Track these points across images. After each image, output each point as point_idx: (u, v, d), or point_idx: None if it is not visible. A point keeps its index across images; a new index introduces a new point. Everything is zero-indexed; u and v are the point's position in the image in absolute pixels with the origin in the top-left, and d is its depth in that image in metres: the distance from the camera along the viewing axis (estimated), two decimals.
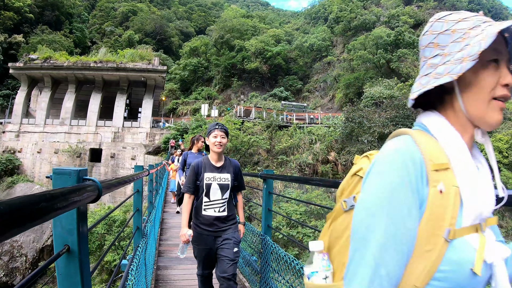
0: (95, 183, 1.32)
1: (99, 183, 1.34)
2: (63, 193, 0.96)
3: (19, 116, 35.95)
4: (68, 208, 0.97)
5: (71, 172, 1.32)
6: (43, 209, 0.77)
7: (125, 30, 69.21)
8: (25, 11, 51.83)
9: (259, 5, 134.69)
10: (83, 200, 1.15)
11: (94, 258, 19.56)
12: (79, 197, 1.09)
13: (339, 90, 42.74)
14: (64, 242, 1.34)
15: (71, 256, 1.35)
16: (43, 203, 0.77)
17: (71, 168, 1.35)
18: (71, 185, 1.30)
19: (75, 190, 1.09)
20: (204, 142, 4.04)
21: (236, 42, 52.57)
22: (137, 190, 4.35)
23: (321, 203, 21.94)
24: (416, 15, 53.23)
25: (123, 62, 36.99)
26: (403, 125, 24.56)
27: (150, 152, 33.88)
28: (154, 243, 6.46)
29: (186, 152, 6.48)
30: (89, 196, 1.22)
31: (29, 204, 0.71)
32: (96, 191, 1.31)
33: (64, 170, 1.32)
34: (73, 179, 1.31)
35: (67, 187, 1.07)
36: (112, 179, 1.73)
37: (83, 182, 1.34)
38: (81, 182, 1.33)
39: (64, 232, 1.33)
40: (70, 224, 1.33)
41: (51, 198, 0.84)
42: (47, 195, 0.83)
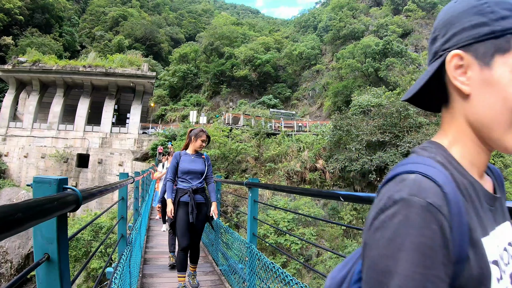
0: (74, 192, 1.33)
1: (79, 192, 1.35)
2: (40, 203, 0.97)
3: (6, 119, 35.51)
4: (46, 218, 0.99)
5: (51, 181, 1.33)
6: (20, 220, 0.78)
7: (115, 35, 68.94)
8: (15, 13, 51.32)
9: (249, 13, 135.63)
10: (62, 209, 1.17)
11: (80, 264, 19.32)
12: (57, 206, 1.10)
13: (328, 98, 42.98)
14: (44, 251, 1.35)
15: (51, 265, 1.36)
16: (19, 214, 0.78)
17: (51, 177, 1.36)
18: (51, 193, 1.31)
19: (53, 200, 1.10)
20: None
21: (225, 49, 52.70)
22: (122, 198, 4.34)
23: (308, 210, 22.01)
24: (405, 24, 53.89)
25: (112, 67, 36.81)
26: (391, 133, 24.82)
27: (138, 159, 33.67)
28: (139, 250, 6.42)
29: (178, 152, 5.37)
30: (68, 205, 1.23)
31: (5, 214, 0.73)
32: (76, 200, 1.32)
33: (44, 179, 1.33)
34: (53, 188, 1.32)
35: (45, 197, 1.08)
36: (93, 188, 1.74)
37: (63, 191, 1.35)
38: (61, 191, 1.34)
39: (44, 240, 1.34)
40: (50, 233, 1.33)
41: (28, 209, 0.85)
42: (23, 205, 0.84)
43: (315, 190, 3.50)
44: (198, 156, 5.23)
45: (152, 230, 10.34)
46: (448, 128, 0.83)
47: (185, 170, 5.01)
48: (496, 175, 0.91)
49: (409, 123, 25.50)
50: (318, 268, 20.85)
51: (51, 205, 1.04)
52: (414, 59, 41.61)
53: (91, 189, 1.69)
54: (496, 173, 0.92)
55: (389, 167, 23.55)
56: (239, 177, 26.12)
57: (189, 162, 5.07)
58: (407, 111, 25.14)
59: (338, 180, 26.92)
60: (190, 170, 5.02)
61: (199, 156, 5.24)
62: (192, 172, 5.03)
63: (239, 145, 26.79)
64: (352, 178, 26.64)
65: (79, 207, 1.34)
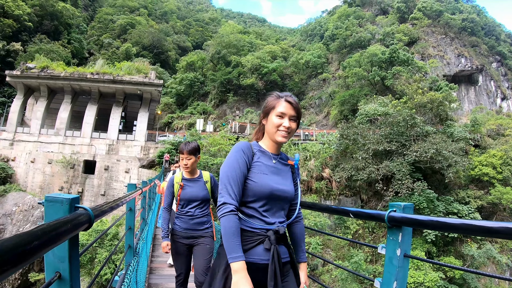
0: (87, 212, 1.33)
1: (91, 211, 1.35)
2: (55, 227, 0.96)
3: (14, 124, 35.73)
4: (60, 241, 0.98)
5: (63, 200, 1.32)
6: (37, 248, 0.77)
7: (123, 43, 69.43)
8: (24, 19, 51.88)
9: (256, 22, 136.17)
10: (75, 230, 1.16)
11: (85, 271, 19.34)
12: (71, 228, 1.10)
13: (334, 107, 42.96)
14: (56, 269, 1.34)
15: (62, 283, 1.35)
16: (36, 242, 0.78)
17: (63, 195, 1.35)
18: (63, 213, 1.30)
19: (67, 222, 1.10)
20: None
21: (232, 58, 52.89)
22: (130, 209, 4.33)
23: (315, 219, 21.92)
24: (411, 32, 53.91)
25: (120, 75, 36.98)
26: (397, 142, 24.70)
27: (144, 166, 33.74)
28: (146, 260, 6.41)
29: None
30: (81, 226, 1.23)
31: (22, 243, 0.72)
32: (88, 219, 1.31)
33: (57, 198, 1.33)
34: (65, 207, 1.31)
35: (59, 220, 1.07)
36: (104, 205, 1.74)
37: (75, 210, 1.34)
38: (73, 211, 1.33)
39: (56, 259, 1.33)
40: (62, 252, 1.33)
41: (43, 234, 0.85)
42: (39, 232, 0.83)
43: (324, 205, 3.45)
44: None
45: (158, 238, 10.31)
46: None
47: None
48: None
49: (416, 132, 25.38)
50: (324, 278, 20.71)
51: (65, 228, 1.04)
52: (420, 68, 41.54)
53: (102, 206, 1.68)
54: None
55: (395, 176, 23.42)
56: None
57: None
58: (413, 120, 25.03)
59: (345, 189, 26.79)
60: None
61: None
62: None
63: None
64: (358, 187, 26.51)
65: (92, 226, 1.33)
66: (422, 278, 19.60)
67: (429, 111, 30.18)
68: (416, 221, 1.67)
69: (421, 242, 22.38)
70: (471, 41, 56.36)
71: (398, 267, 1.84)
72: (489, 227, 1.30)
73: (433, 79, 42.01)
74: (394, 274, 1.85)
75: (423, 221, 1.64)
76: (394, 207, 1.87)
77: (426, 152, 23.04)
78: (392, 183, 23.72)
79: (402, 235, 1.83)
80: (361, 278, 20.03)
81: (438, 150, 23.07)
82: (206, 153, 27.61)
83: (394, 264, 1.86)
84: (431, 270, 20.43)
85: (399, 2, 60.82)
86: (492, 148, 30.16)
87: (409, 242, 1.86)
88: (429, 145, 23.43)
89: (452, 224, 1.48)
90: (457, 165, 24.00)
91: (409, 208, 1.85)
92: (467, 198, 26.00)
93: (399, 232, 1.84)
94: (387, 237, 1.92)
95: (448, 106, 31.52)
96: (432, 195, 23.16)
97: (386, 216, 1.82)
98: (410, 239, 1.88)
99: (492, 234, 1.29)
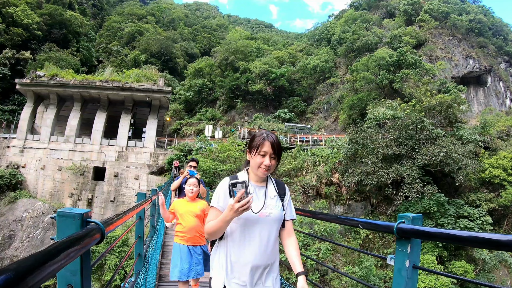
0: (98, 226, 1.35)
1: (102, 225, 1.37)
2: (69, 244, 0.98)
3: (24, 131, 36.15)
4: (73, 258, 1.00)
5: (75, 215, 1.34)
6: (51, 266, 0.79)
7: (131, 50, 69.93)
8: (34, 28, 52.56)
9: (263, 27, 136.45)
10: (88, 245, 1.18)
11: (94, 277, 19.44)
12: (84, 244, 1.12)
13: (343, 111, 42.86)
14: (67, 282, 1.36)
15: None
16: (50, 262, 0.79)
17: (75, 210, 1.38)
18: (76, 228, 1.33)
19: (80, 238, 1.12)
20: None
21: (240, 64, 52.96)
22: (140, 218, 4.35)
23: (324, 224, 21.83)
24: (418, 35, 53.64)
25: (129, 82, 37.25)
26: (407, 146, 24.54)
27: (154, 172, 33.87)
28: (155, 267, 6.42)
29: None
30: (93, 240, 1.25)
31: (36, 264, 0.74)
32: (100, 233, 1.33)
33: (68, 213, 1.35)
34: (77, 222, 1.34)
35: (72, 237, 1.09)
36: (114, 217, 1.76)
37: (87, 224, 1.36)
38: (85, 225, 1.35)
39: (68, 273, 1.36)
40: (74, 266, 1.35)
41: (57, 253, 0.86)
42: (53, 250, 0.85)
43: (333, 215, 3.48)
44: None
45: (168, 245, 10.34)
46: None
47: None
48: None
49: (425, 135, 25.21)
50: (334, 283, 20.59)
51: (78, 245, 1.06)
52: (428, 70, 41.32)
53: (112, 218, 1.70)
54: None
55: (405, 180, 23.27)
56: None
57: None
58: (422, 123, 24.88)
59: (354, 194, 26.66)
60: None
61: None
62: None
63: None
64: (368, 192, 26.37)
65: (103, 239, 1.35)
66: (433, 283, 19.42)
67: (438, 114, 29.98)
68: (425, 233, 1.67)
69: (432, 247, 22.18)
70: (478, 42, 55.97)
71: (407, 279, 1.84)
72: (497, 240, 1.29)
73: (442, 81, 41.76)
74: (403, 285, 1.85)
75: (431, 233, 1.63)
76: (403, 218, 1.86)
77: (435, 155, 22.87)
78: (402, 187, 23.56)
79: (411, 246, 1.83)
80: (372, 283, 19.87)
81: (448, 153, 22.90)
82: (216, 159, 27.64)
83: (403, 276, 1.85)
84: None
85: (406, 4, 60.56)
86: (502, 150, 29.84)
87: (418, 254, 1.86)
88: (438, 148, 23.25)
89: (461, 237, 1.47)
90: (467, 168, 23.79)
91: (418, 219, 1.85)
92: (478, 201, 25.75)
93: (408, 243, 1.83)
94: (396, 248, 1.92)
95: (457, 108, 31.29)
96: (443, 198, 22.97)
97: (395, 227, 1.82)
98: (419, 250, 1.88)
99: (500, 247, 1.28)
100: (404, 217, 1.85)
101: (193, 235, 4.92)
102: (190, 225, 4.90)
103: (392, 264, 1.94)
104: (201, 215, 5.00)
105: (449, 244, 22.07)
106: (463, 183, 25.09)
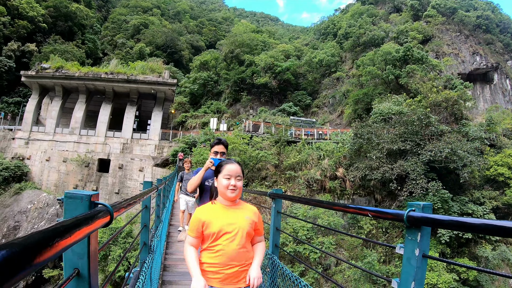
0: (106, 208, 1.33)
1: (110, 208, 1.35)
2: (77, 224, 0.96)
3: (29, 123, 36.31)
4: (81, 238, 0.98)
5: (83, 196, 1.32)
6: (58, 244, 0.77)
7: (137, 43, 70.03)
8: (39, 20, 52.68)
9: (269, 21, 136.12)
10: (96, 227, 1.16)
11: (99, 268, 19.51)
12: (92, 225, 1.10)
13: (348, 105, 42.72)
14: (74, 266, 1.35)
15: (80, 280, 1.35)
16: (57, 239, 0.77)
17: (82, 192, 1.36)
18: (83, 209, 1.31)
19: (88, 218, 1.10)
20: None
21: (245, 57, 52.88)
22: (145, 206, 4.35)
23: (328, 219, 21.82)
24: (425, 30, 53.27)
25: (134, 74, 37.29)
26: (412, 141, 24.43)
27: (158, 165, 33.96)
28: (160, 257, 6.44)
29: None
30: (101, 222, 1.23)
31: (43, 241, 0.72)
32: (108, 216, 1.32)
33: (76, 195, 1.33)
34: (85, 204, 1.32)
35: (80, 216, 1.07)
36: (122, 201, 1.74)
37: (95, 206, 1.35)
38: (92, 207, 1.33)
39: (75, 256, 1.34)
40: (81, 249, 1.33)
41: (65, 231, 0.85)
42: (60, 228, 0.83)
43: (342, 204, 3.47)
44: None
45: (172, 236, 10.37)
46: None
47: None
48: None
49: (431, 131, 25.08)
50: (337, 278, 20.61)
51: (86, 224, 1.04)
52: (435, 66, 41.03)
53: (121, 202, 1.68)
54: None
55: (410, 176, 23.18)
56: (259, 185, 26.07)
57: None
58: (428, 119, 24.74)
59: (359, 189, 26.62)
60: None
61: None
62: None
63: (259, 152, 26.70)
64: (372, 187, 26.32)
65: (112, 222, 1.33)
66: (435, 279, 19.40)
67: (444, 110, 29.82)
68: (436, 221, 1.64)
69: (435, 243, 22.13)
70: (486, 38, 55.50)
71: (416, 268, 1.81)
72: (510, 227, 1.26)
73: (448, 77, 41.45)
74: (413, 274, 1.83)
75: (443, 220, 1.60)
76: (413, 206, 1.84)
77: (441, 151, 22.75)
78: (407, 183, 23.48)
79: (421, 235, 1.80)
80: (374, 278, 19.89)
81: (453, 149, 22.77)
82: None
83: (413, 265, 1.83)
84: (445, 272, 20.19)
85: None
86: (508, 148, 29.66)
87: (427, 242, 1.83)
88: (444, 145, 23.12)
89: (472, 224, 1.44)
90: (472, 165, 23.65)
91: (428, 207, 1.82)
92: (482, 198, 25.61)
93: (418, 232, 1.81)
94: (405, 237, 1.90)
95: (463, 105, 31.09)
96: (447, 195, 22.87)
97: (406, 215, 1.79)
98: (428, 239, 1.85)
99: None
100: (414, 205, 1.83)
101: (235, 271, 2.68)
102: (232, 252, 2.67)
103: (401, 253, 1.92)
104: (250, 232, 2.80)
105: (452, 240, 22.06)
106: (467, 180, 24.96)
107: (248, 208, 2.91)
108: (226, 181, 2.76)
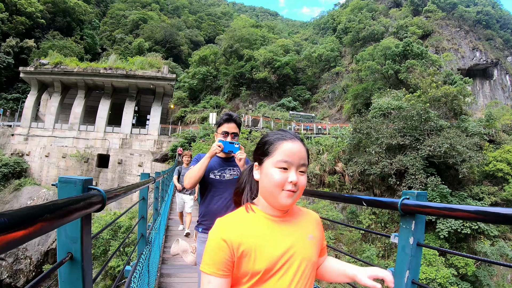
0: (99, 193, 1.33)
1: (103, 192, 1.35)
2: (67, 203, 0.97)
3: (28, 119, 36.27)
4: (72, 218, 0.98)
5: (77, 181, 1.33)
6: (48, 220, 0.78)
7: (135, 38, 69.77)
8: (37, 16, 52.48)
9: (268, 15, 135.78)
10: (88, 209, 1.17)
11: (99, 263, 19.58)
12: (83, 207, 1.11)
13: (347, 100, 42.71)
14: (68, 250, 1.35)
15: (74, 264, 1.36)
16: (47, 214, 0.78)
17: (76, 177, 1.36)
18: (77, 194, 1.32)
19: (80, 200, 1.10)
20: None
21: (245, 52, 52.77)
22: (143, 198, 4.36)
23: (327, 213, 21.87)
24: (425, 25, 53.23)
25: (133, 70, 37.25)
26: (411, 136, 24.46)
27: (158, 160, 33.98)
28: (158, 250, 6.46)
29: None
30: (93, 206, 1.23)
31: (34, 215, 0.72)
32: (101, 200, 1.32)
33: (70, 179, 1.33)
34: (78, 188, 1.32)
35: (72, 197, 1.08)
36: (117, 188, 1.75)
37: (88, 191, 1.35)
38: (86, 192, 1.34)
39: (68, 240, 1.34)
40: (74, 232, 1.33)
41: (55, 209, 0.85)
42: (51, 206, 0.84)
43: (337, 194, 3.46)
44: None
45: (171, 230, 10.40)
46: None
47: None
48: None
49: (430, 126, 25.08)
50: None
51: (77, 206, 1.04)
52: (434, 61, 41.02)
53: (116, 189, 1.69)
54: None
55: (409, 171, 23.22)
56: None
57: None
58: (427, 114, 24.74)
59: (358, 184, 26.66)
60: None
61: None
62: None
63: None
64: (371, 182, 26.35)
65: (104, 207, 1.34)
66: (434, 274, 19.44)
67: (443, 105, 29.83)
68: (430, 208, 1.64)
69: (433, 238, 22.21)
70: (486, 34, 55.45)
71: (411, 256, 1.81)
72: (504, 213, 1.26)
73: (448, 72, 41.43)
74: (407, 263, 1.83)
75: (437, 207, 1.60)
76: (407, 195, 1.84)
77: (440, 146, 22.76)
78: (405, 177, 23.51)
79: (415, 223, 1.80)
80: None
81: (452, 145, 22.78)
82: None
83: (407, 253, 1.83)
84: (443, 267, 20.25)
85: None
86: (507, 144, 29.68)
87: (422, 231, 1.83)
88: (443, 140, 23.13)
89: (467, 211, 1.44)
90: (471, 161, 23.69)
91: (422, 196, 1.82)
92: (481, 194, 25.67)
93: (412, 220, 1.81)
94: (400, 226, 1.90)
95: (463, 100, 31.12)
96: (446, 190, 22.91)
97: (400, 203, 1.79)
98: (423, 227, 1.85)
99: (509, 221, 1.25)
100: (409, 193, 1.83)
101: None
102: None
103: (396, 242, 1.92)
104: (317, 262, 1.56)
105: (451, 235, 22.13)
106: (466, 176, 25.02)
107: (307, 218, 1.60)
108: (281, 174, 1.36)
